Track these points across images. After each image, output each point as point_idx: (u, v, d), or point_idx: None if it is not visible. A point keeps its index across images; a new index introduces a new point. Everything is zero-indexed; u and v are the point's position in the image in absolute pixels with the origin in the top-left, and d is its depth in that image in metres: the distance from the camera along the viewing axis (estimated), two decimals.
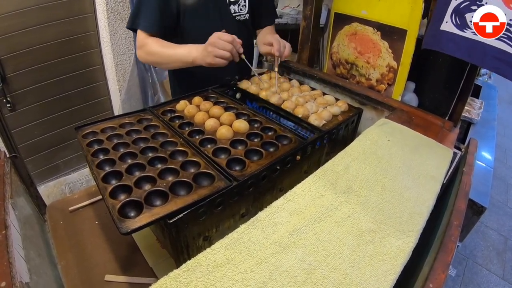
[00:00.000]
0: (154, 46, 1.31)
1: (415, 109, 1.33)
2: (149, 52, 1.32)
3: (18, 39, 2.00)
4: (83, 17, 2.22)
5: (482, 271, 2.54)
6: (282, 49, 1.34)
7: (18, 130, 2.22)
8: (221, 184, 0.80)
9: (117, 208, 0.72)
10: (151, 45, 1.31)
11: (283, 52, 1.35)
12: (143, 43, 1.32)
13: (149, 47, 1.31)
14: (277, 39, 1.36)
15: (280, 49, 1.34)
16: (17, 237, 0.76)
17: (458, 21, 1.10)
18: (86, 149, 0.94)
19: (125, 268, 0.95)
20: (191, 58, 1.25)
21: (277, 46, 1.33)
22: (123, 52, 2.35)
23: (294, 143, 0.99)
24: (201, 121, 1.09)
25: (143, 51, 1.34)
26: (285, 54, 1.36)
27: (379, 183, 0.86)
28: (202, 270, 0.59)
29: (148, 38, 1.32)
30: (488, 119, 2.44)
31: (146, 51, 1.33)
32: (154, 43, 1.31)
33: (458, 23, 1.11)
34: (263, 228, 0.68)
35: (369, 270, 0.62)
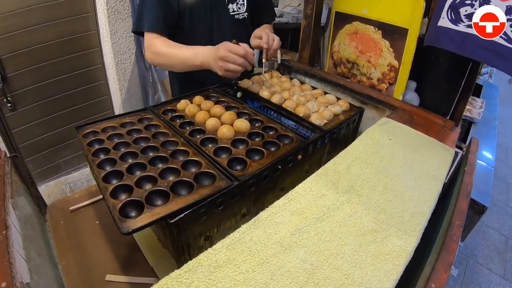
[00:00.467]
0: (160, 46, 1.29)
1: (417, 108, 1.33)
2: (155, 51, 1.31)
3: (18, 38, 2.00)
4: (84, 16, 2.22)
5: (483, 271, 2.54)
6: (270, 41, 1.34)
7: (19, 129, 2.22)
8: (223, 183, 0.80)
9: (118, 208, 0.72)
10: (157, 45, 1.29)
11: (271, 45, 1.34)
12: (149, 43, 1.31)
13: (156, 47, 1.30)
14: (266, 32, 1.36)
15: (269, 42, 1.33)
16: (18, 237, 0.76)
17: (453, 16, 1.11)
18: (87, 149, 0.94)
19: (126, 268, 0.95)
20: (199, 62, 1.22)
21: (266, 39, 1.32)
22: (124, 51, 2.34)
23: (295, 143, 0.99)
24: (202, 121, 1.09)
25: (150, 52, 1.33)
26: (273, 46, 1.35)
27: (381, 183, 0.85)
28: (203, 271, 0.58)
29: (154, 39, 1.30)
30: (489, 118, 2.43)
31: (153, 51, 1.31)
32: (161, 43, 1.30)
33: (453, 17, 1.12)
34: (264, 228, 0.68)
35: (371, 270, 0.62)
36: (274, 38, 1.36)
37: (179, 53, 1.27)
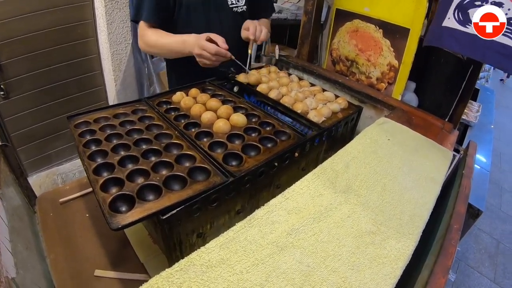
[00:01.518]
0: (151, 36, 1.34)
1: (415, 109, 1.31)
2: (147, 42, 1.36)
3: (13, 25, 1.95)
4: (80, 5, 2.17)
5: (474, 274, 2.55)
6: (258, 33, 1.35)
7: (11, 118, 2.17)
8: (217, 179, 0.77)
9: (108, 202, 0.70)
10: (149, 36, 1.34)
11: (259, 36, 1.35)
12: (142, 34, 1.36)
13: (147, 37, 1.35)
14: (254, 24, 1.37)
15: (256, 33, 1.34)
16: (5, 229, 0.73)
17: (461, 17, 1.10)
18: (78, 139, 0.91)
19: (115, 263, 0.93)
20: (186, 51, 1.27)
21: (252, 30, 1.34)
22: (120, 41, 2.31)
23: (292, 139, 0.97)
24: (197, 114, 1.06)
25: (142, 42, 1.38)
26: (261, 38, 1.36)
27: (379, 183, 0.84)
28: (195, 270, 0.56)
29: (147, 29, 1.35)
30: (485, 122, 2.43)
31: (145, 41, 1.36)
32: (152, 34, 1.34)
33: (461, 18, 1.10)
34: (260, 227, 0.66)
35: (369, 274, 0.60)
36: (261, 30, 1.37)
37: (169, 42, 1.33)
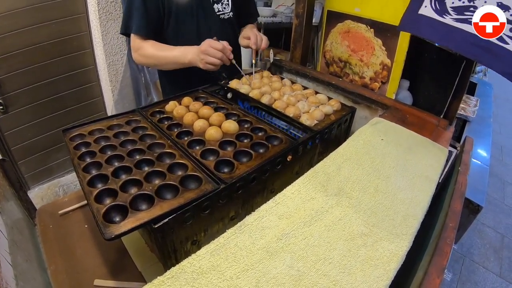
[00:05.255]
0: (149, 49, 1.35)
1: (410, 107, 1.31)
2: (145, 55, 1.36)
3: (10, 40, 1.97)
4: (75, 17, 2.19)
5: (479, 269, 2.53)
6: (259, 42, 1.40)
7: (11, 132, 2.19)
8: (208, 187, 0.78)
9: (101, 212, 0.71)
10: (146, 49, 1.35)
11: (260, 45, 1.41)
12: (138, 47, 1.37)
13: (145, 50, 1.36)
14: (254, 33, 1.42)
15: (257, 42, 1.40)
16: (4, 243, 0.74)
17: (438, 6, 1.09)
18: (73, 152, 0.92)
19: (114, 272, 0.93)
20: (187, 60, 1.30)
21: (254, 39, 1.39)
22: (115, 52, 2.32)
23: (284, 144, 0.97)
24: (190, 122, 1.07)
25: (138, 54, 1.38)
26: (262, 46, 1.42)
27: (371, 185, 0.84)
28: (186, 277, 0.57)
29: (143, 42, 1.36)
30: (483, 116, 2.42)
31: (142, 54, 1.37)
32: (150, 46, 1.35)
33: (437, 7, 1.10)
34: (250, 233, 0.66)
35: (361, 276, 0.60)
36: (262, 38, 1.42)
37: (169, 54, 1.34)
